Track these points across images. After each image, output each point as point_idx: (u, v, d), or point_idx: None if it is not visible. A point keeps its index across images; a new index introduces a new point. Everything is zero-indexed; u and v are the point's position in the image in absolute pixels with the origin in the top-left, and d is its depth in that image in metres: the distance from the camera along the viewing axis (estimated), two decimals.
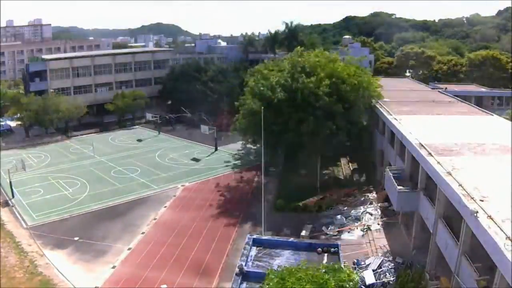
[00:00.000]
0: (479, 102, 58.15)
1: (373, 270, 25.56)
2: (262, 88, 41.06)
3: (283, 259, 23.98)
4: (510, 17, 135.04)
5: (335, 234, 31.43)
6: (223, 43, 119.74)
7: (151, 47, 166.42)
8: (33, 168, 49.62)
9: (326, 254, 24.00)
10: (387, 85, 49.51)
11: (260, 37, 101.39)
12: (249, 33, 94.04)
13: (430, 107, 41.38)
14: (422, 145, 26.56)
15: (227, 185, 43.38)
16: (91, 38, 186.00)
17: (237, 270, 22.75)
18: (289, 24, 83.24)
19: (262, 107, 34.20)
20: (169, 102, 76.73)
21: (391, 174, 29.49)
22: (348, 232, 31.49)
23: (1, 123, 69.41)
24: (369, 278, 24.78)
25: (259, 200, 34.83)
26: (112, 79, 78.92)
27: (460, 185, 20.01)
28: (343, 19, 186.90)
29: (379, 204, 34.64)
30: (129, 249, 30.62)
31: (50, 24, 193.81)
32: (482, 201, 18.25)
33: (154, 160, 52.71)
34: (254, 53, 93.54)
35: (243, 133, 44.10)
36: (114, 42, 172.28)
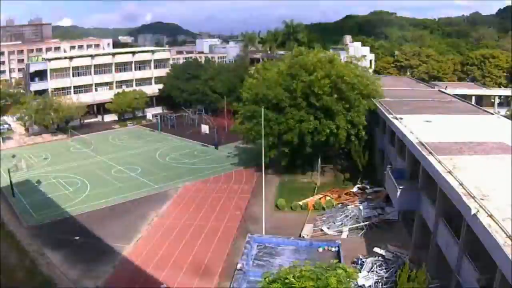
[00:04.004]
0: (479, 101, 58.15)
1: (373, 269, 25.58)
2: (261, 88, 41.11)
3: (284, 258, 24.10)
4: (510, 16, 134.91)
5: (335, 233, 31.44)
6: (223, 43, 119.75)
7: (151, 46, 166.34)
8: (33, 168, 49.65)
9: (326, 253, 24.08)
10: (387, 84, 49.51)
11: (260, 37, 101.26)
12: (249, 32, 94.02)
13: (430, 106, 41.35)
14: (423, 144, 26.56)
15: (227, 184, 43.38)
16: (91, 37, 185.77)
17: (238, 269, 22.82)
18: (289, 23, 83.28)
19: (263, 107, 34.24)
20: (170, 101, 76.81)
21: (391, 173, 29.50)
22: (348, 231, 31.50)
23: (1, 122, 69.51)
24: (369, 277, 24.80)
25: (260, 199, 34.85)
26: (112, 78, 78.92)
27: (460, 184, 20.02)
28: (343, 18, 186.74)
29: (379, 203, 34.63)
30: (129, 248, 30.62)
31: (50, 24, 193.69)
32: (483, 200, 18.26)
33: (154, 159, 52.72)
34: (254, 52, 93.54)
35: (244, 133, 44.08)
36: (114, 41, 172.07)
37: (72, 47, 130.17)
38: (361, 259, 27.04)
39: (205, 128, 59.58)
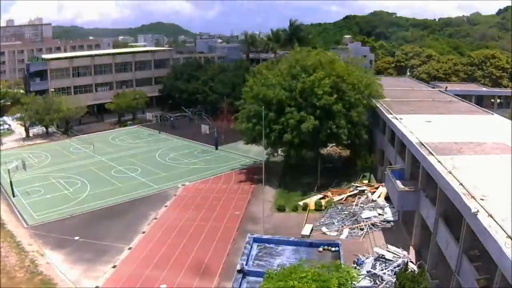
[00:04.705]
0: (480, 101, 58.09)
1: (373, 270, 25.56)
2: (262, 88, 41.08)
3: (284, 258, 24.05)
4: (510, 16, 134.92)
5: (335, 233, 31.42)
6: (224, 43, 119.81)
7: (151, 46, 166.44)
8: (33, 168, 49.63)
9: (327, 253, 24.06)
10: (387, 84, 49.49)
11: (260, 37, 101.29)
12: (249, 33, 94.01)
13: (430, 106, 41.35)
14: (423, 144, 26.55)
15: (227, 185, 43.37)
16: (91, 37, 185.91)
17: (237, 269, 22.80)
18: (293, 22, 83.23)
19: (263, 107, 34.19)
20: (170, 102, 76.89)
21: (391, 174, 29.48)
22: (348, 231, 31.48)
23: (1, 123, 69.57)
24: (369, 277, 24.78)
25: (260, 200, 34.86)
26: (113, 78, 79.00)
27: (460, 184, 19.99)
28: (344, 18, 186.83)
29: (379, 204, 34.61)
30: (129, 248, 30.60)
31: (50, 24, 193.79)
32: (483, 200, 18.23)
33: (154, 160, 52.71)
34: (255, 52, 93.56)
35: (244, 133, 44.05)
36: (115, 41, 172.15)
37: (72, 47, 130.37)
38: (361, 259, 27.04)
39: (205, 128, 59.53)
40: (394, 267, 25.40)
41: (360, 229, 31.54)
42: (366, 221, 32.17)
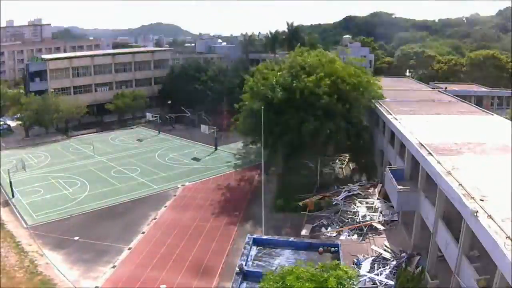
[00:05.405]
0: (479, 101, 58.13)
1: (373, 270, 25.58)
2: (262, 88, 41.01)
3: (283, 258, 23.98)
4: (510, 17, 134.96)
5: (335, 234, 31.42)
6: (223, 43, 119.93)
7: (151, 47, 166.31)
8: (33, 168, 49.62)
9: (326, 254, 24.00)
10: (387, 85, 49.45)
11: (260, 37, 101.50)
12: (249, 33, 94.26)
13: (430, 106, 41.33)
14: (422, 145, 26.54)
15: (227, 185, 43.39)
16: (91, 38, 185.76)
17: (237, 269, 22.76)
18: (290, 24, 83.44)
19: (262, 107, 34.17)
20: (169, 102, 76.89)
21: (391, 174, 29.48)
22: (348, 232, 31.48)
23: (1, 123, 69.52)
24: (368, 278, 24.79)
25: (259, 200, 34.83)
26: (112, 79, 78.95)
27: (460, 184, 19.99)
28: (343, 19, 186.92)
29: (379, 204, 34.62)
30: (129, 249, 30.62)
31: (50, 24, 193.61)
32: (482, 200, 18.23)
33: (154, 160, 52.71)
34: (254, 53, 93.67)
35: (243, 134, 44.00)
36: (114, 42, 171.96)
37: (72, 48, 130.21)
38: (361, 259, 27.04)
39: (204, 129, 59.56)
40: (394, 268, 25.41)
41: (360, 229, 31.55)
42: (366, 222, 32.18)
